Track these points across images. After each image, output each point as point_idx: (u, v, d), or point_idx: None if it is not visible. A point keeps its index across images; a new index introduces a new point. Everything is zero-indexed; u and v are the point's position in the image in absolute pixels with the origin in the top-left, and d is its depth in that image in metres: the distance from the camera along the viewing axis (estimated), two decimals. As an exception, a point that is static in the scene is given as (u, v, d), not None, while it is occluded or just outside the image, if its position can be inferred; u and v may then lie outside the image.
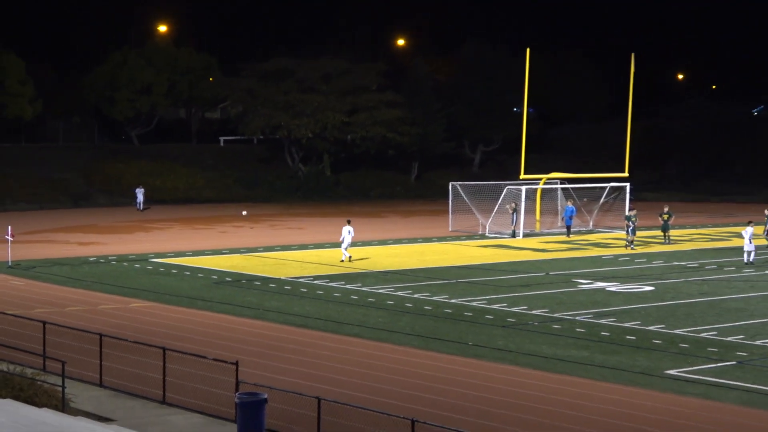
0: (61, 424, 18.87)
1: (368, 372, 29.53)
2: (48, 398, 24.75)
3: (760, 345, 33.03)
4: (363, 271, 49.90)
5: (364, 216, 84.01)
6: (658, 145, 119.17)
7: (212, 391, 26.34)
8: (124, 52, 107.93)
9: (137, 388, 27.26)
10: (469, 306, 40.32)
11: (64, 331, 31.13)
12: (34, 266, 51.08)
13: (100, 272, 49.57)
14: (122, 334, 32.29)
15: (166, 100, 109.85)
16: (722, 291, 44.42)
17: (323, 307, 40.19)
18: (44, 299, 41.64)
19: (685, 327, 35.97)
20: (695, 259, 55.46)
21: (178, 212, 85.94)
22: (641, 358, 31.23)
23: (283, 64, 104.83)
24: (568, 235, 66.99)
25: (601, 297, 42.62)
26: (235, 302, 41.08)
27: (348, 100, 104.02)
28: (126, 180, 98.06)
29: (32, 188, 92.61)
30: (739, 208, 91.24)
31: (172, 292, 43.53)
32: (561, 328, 35.97)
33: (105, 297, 42.47)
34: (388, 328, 35.96)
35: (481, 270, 50.87)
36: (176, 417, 25.11)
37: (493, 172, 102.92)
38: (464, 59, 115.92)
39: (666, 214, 63.20)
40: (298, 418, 24.12)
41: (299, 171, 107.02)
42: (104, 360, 28.21)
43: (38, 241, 63.30)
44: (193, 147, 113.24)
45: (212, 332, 35.06)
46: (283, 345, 33.07)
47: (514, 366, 30.39)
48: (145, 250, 58.00)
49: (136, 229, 71.54)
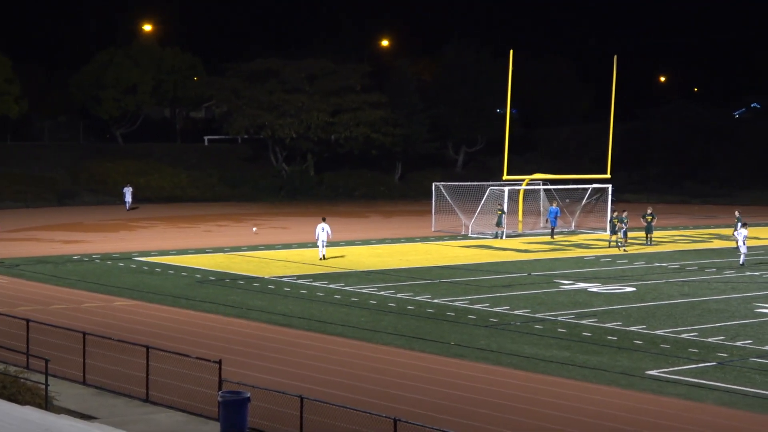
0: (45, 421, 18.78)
1: (351, 371, 29.48)
2: (31, 396, 24.65)
3: (740, 346, 33.06)
4: (346, 271, 49.86)
5: (348, 216, 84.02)
6: (640, 147, 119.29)
7: (195, 390, 26.27)
8: (110, 52, 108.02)
9: (120, 386, 27.16)
10: (452, 306, 40.30)
11: (48, 329, 31.04)
12: (18, 264, 50.93)
13: (84, 270, 49.45)
14: (106, 332, 32.20)
15: (152, 100, 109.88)
16: (703, 292, 44.48)
17: (307, 306, 40.13)
18: (28, 297, 41.51)
19: (666, 328, 36.00)
20: (676, 261, 55.53)
21: (162, 211, 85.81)
22: (622, 359, 31.23)
23: (268, 65, 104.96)
24: (552, 236, 67.02)
25: (583, 297, 42.63)
26: (219, 301, 41.00)
27: (332, 100, 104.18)
28: (112, 179, 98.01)
29: (18, 186, 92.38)
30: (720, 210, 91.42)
31: (156, 291, 43.44)
32: (543, 328, 35.97)
33: (89, 295, 42.35)
34: (371, 327, 35.92)
35: (464, 270, 50.86)
36: (159, 415, 25.04)
37: (476, 173, 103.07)
38: (448, 60, 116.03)
39: (649, 215, 63.27)
40: (281, 416, 24.06)
41: (283, 170, 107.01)
42: (88, 358, 28.11)
43: (23, 239, 63.15)
44: (178, 146, 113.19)
45: (196, 331, 34.98)
46: (266, 344, 33.01)
47: (496, 366, 30.36)
48: (129, 249, 57.90)
49: (120, 228, 71.42)
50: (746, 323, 37.13)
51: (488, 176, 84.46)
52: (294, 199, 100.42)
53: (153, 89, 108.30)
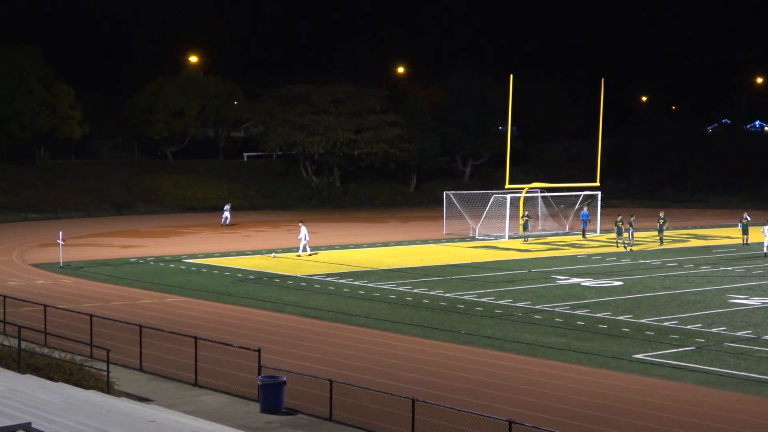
0: (107, 403, 18.76)
1: (374, 357, 29.41)
2: (95, 381, 24.67)
3: (715, 332, 32.88)
4: (369, 270, 49.79)
5: (369, 221, 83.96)
6: (625, 159, 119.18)
7: (238, 375, 26.24)
8: (160, 80, 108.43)
9: (172, 373, 27.15)
10: (462, 299, 40.20)
11: (109, 323, 31.07)
12: (82, 266, 51.01)
13: (139, 271, 49.49)
14: (159, 325, 32.20)
15: (197, 122, 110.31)
16: (682, 285, 44.29)
17: (334, 300, 40.08)
18: (91, 295, 41.56)
19: (650, 317, 35.84)
20: (658, 258, 55.32)
21: (207, 219, 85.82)
22: (612, 344, 31.09)
23: (298, 90, 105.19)
24: (584, 236, 66.93)
25: (577, 291, 42.49)
26: (257, 297, 40.98)
27: (355, 120, 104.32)
28: (162, 191, 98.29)
29: (80, 198, 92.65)
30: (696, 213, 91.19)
31: (202, 289, 43.43)
32: (542, 318, 35.84)
33: (144, 293, 42.38)
34: (390, 318, 35.85)
35: (472, 268, 50.74)
36: (206, 397, 25.01)
37: (481, 183, 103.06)
38: (455, 85, 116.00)
39: (662, 219, 63.26)
40: (313, 397, 24.02)
41: (312, 182, 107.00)
42: (143, 348, 28.13)
43: (86, 244, 63.25)
44: (220, 162, 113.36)
45: (237, 323, 34.95)
46: (299, 334, 32.96)
47: (500, 351, 30.26)
48: (178, 252, 57.93)
49: (171, 234, 71.47)
50: (721, 312, 36.95)
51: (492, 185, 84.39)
52: (322, 207, 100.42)
53: (198, 112, 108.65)
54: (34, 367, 25.34)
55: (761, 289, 42.84)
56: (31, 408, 17.31)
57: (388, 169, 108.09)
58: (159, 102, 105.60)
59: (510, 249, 60.54)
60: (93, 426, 16.36)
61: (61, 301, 38.72)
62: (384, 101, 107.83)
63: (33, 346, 28.62)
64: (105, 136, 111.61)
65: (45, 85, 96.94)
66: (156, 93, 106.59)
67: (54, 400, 18.36)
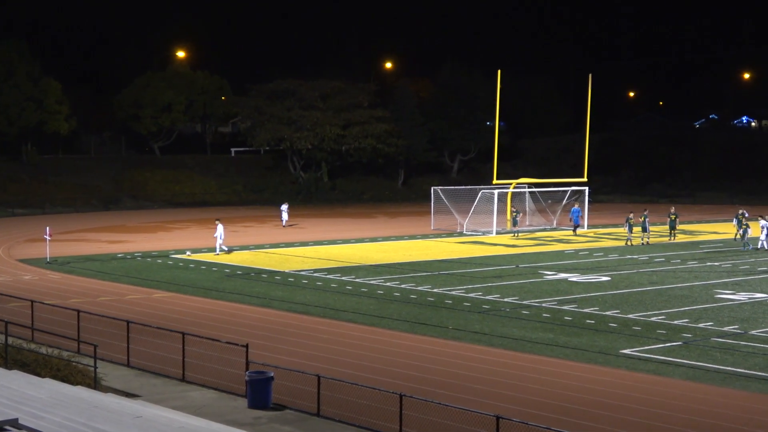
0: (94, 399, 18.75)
1: (362, 353, 29.44)
2: (82, 377, 24.64)
3: (702, 327, 32.99)
4: (356, 265, 49.81)
5: (357, 216, 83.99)
6: (613, 154, 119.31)
7: (225, 370, 26.25)
8: (148, 75, 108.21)
9: (160, 368, 27.15)
10: (449, 295, 40.24)
11: (96, 318, 31.03)
12: (69, 262, 50.94)
13: (126, 267, 49.44)
14: (146, 320, 32.20)
15: (185, 117, 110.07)
16: (669, 281, 44.40)
17: (322, 296, 40.09)
18: (78, 290, 41.51)
19: (637, 312, 35.94)
20: (645, 253, 55.43)
21: (194, 214, 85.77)
22: (599, 340, 31.17)
23: (286, 85, 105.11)
24: (575, 232, 67.01)
25: (564, 286, 42.56)
26: (245, 292, 40.97)
27: (343, 115, 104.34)
28: (150, 186, 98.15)
29: (68, 194, 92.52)
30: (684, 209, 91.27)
31: (190, 284, 43.42)
32: (529, 313, 35.90)
33: (131, 288, 42.35)
34: (378, 314, 35.88)
35: (460, 263, 50.79)
36: (194, 393, 25.01)
37: (469, 178, 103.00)
38: (443, 80, 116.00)
39: (673, 215, 63.47)
40: (300, 393, 24.03)
41: (300, 177, 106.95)
42: (131, 343, 28.09)
43: (73, 239, 63.15)
44: (208, 157, 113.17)
45: (225, 319, 34.95)
46: (287, 329, 32.97)
47: (488, 347, 30.31)
48: (166, 248, 57.89)
49: (158, 229, 71.41)
50: (707, 307, 37.07)
51: (480, 181, 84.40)
52: (310, 203, 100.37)
53: (186, 108, 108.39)
54: (21, 363, 25.28)
55: (748, 285, 42.99)
56: (18, 404, 17.30)
57: (376, 164, 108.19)
58: (146, 97, 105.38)
59: (498, 244, 60.59)
60: (80, 422, 16.36)
61: (49, 296, 38.64)
62: (372, 96, 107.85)
63: (20, 341, 28.58)
64: (92, 131, 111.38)
65: (32, 80, 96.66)
66: (143, 88, 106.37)
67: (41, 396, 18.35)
